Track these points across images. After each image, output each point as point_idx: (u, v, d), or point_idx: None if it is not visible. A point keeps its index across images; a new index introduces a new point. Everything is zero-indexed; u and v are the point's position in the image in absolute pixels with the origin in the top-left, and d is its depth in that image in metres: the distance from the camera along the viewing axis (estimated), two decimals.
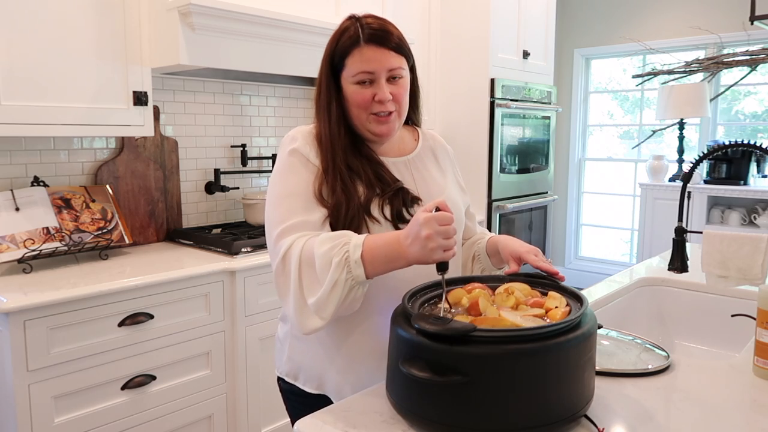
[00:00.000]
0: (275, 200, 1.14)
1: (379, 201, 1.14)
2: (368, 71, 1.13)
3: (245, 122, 2.79)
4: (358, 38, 1.14)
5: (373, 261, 1.01)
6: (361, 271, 1.00)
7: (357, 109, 1.16)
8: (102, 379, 1.79)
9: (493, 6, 3.27)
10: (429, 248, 0.96)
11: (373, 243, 1.02)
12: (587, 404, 0.91)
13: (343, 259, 1.00)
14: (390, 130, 1.18)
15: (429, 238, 0.95)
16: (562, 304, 0.98)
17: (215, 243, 2.28)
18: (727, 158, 4.04)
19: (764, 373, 1.10)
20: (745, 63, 3.83)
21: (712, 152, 1.45)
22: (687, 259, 1.51)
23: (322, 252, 1.01)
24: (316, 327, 1.04)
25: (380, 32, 1.14)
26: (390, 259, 1.01)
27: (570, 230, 5.39)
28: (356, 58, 1.14)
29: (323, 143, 1.17)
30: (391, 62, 1.14)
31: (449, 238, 0.97)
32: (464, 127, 3.40)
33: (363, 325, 1.16)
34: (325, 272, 1.01)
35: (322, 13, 2.45)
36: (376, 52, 1.13)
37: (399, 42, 1.16)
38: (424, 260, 0.98)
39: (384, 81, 1.15)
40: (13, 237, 1.91)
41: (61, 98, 1.95)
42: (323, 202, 1.12)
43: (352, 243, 1.02)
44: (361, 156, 1.18)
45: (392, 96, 1.15)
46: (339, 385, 1.18)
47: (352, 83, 1.15)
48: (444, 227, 0.96)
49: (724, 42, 4.31)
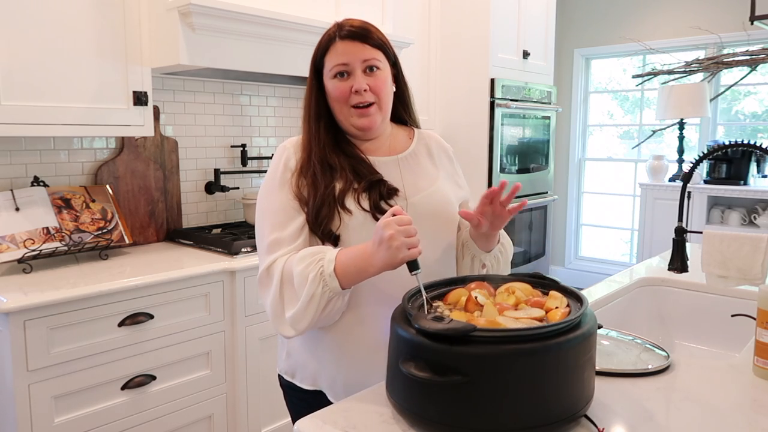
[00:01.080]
0: (263, 212, 1.20)
1: (355, 194, 1.17)
2: (343, 63, 1.18)
3: (245, 122, 2.79)
4: (335, 36, 1.20)
5: (345, 273, 1.06)
6: (336, 283, 1.06)
7: (337, 103, 1.20)
8: (102, 379, 1.79)
9: (493, 6, 3.27)
10: (394, 247, 1.01)
11: (344, 256, 1.07)
12: (587, 404, 0.91)
13: (318, 274, 1.06)
14: (372, 123, 1.21)
15: (392, 238, 1.00)
16: (562, 304, 0.98)
17: (215, 243, 2.28)
18: (727, 158, 4.04)
19: (764, 373, 1.10)
20: (745, 63, 3.83)
21: (712, 152, 1.45)
22: (687, 259, 1.51)
23: (298, 271, 1.08)
24: (290, 335, 1.11)
25: (357, 29, 1.19)
26: (360, 269, 1.06)
27: (570, 230, 5.39)
28: (332, 53, 1.20)
29: (302, 142, 1.22)
30: (365, 53, 1.19)
31: (411, 236, 1.02)
32: (464, 127, 3.40)
33: (352, 320, 1.18)
34: (302, 288, 1.07)
35: (322, 13, 2.45)
36: (350, 46, 1.18)
37: (376, 38, 1.20)
38: (391, 262, 1.02)
39: (360, 72, 1.19)
40: (13, 237, 1.91)
41: (61, 98, 1.95)
42: (303, 200, 1.17)
43: (326, 258, 1.07)
44: (340, 152, 1.21)
45: (370, 87, 1.19)
46: (331, 381, 1.21)
47: (331, 78, 1.20)
48: (404, 227, 1.01)
49: (724, 42, 4.31)
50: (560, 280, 1.10)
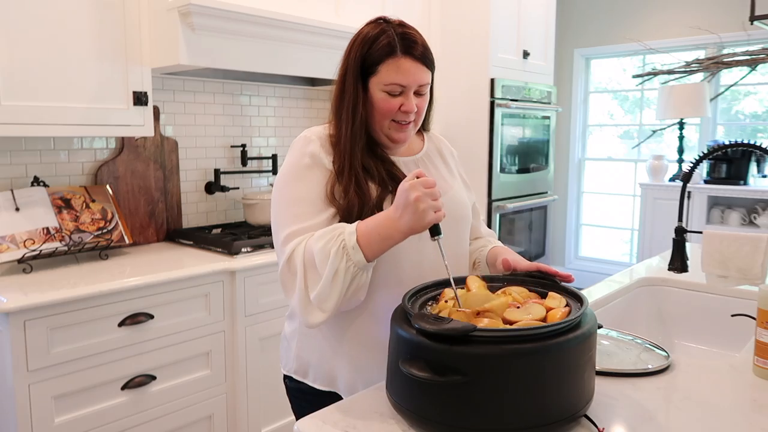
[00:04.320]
0: (284, 203, 1.15)
1: (392, 198, 1.15)
2: (402, 84, 1.16)
3: (245, 122, 2.79)
4: (395, 48, 1.14)
5: (369, 243, 1.03)
6: (360, 255, 1.03)
7: (380, 115, 1.18)
8: (102, 379, 1.79)
9: (493, 6, 3.27)
10: (420, 210, 0.99)
11: (365, 226, 1.04)
12: (587, 404, 0.91)
13: (341, 248, 1.03)
14: (406, 138, 1.22)
15: (418, 200, 0.99)
16: (561, 305, 0.98)
17: (215, 243, 2.28)
18: (727, 158, 4.04)
19: (764, 373, 1.10)
20: (745, 63, 3.83)
21: (712, 152, 1.45)
22: (687, 259, 1.51)
23: (319, 248, 1.04)
24: (319, 320, 1.06)
25: (416, 45, 1.16)
26: (384, 236, 1.03)
27: (570, 230, 5.39)
28: (392, 67, 1.15)
29: (341, 144, 1.17)
30: (423, 77, 1.17)
31: (436, 199, 1.01)
32: (464, 127, 3.39)
33: (368, 320, 1.17)
34: (324, 264, 1.03)
35: (322, 14, 2.45)
36: (412, 66, 1.15)
37: (429, 55, 1.19)
38: (417, 226, 1.01)
39: (412, 93, 1.18)
40: (13, 237, 1.91)
41: (61, 98, 1.95)
42: (334, 202, 1.14)
43: (346, 231, 1.04)
44: (375, 156, 1.20)
45: (417, 108, 1.19)
46: (351, 381, 1.18)
47: (382, 90, 1.16)
48: (430, 189, 1.00)
49: (724, 42, 4.31)
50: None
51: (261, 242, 2.26)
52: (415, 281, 1.12)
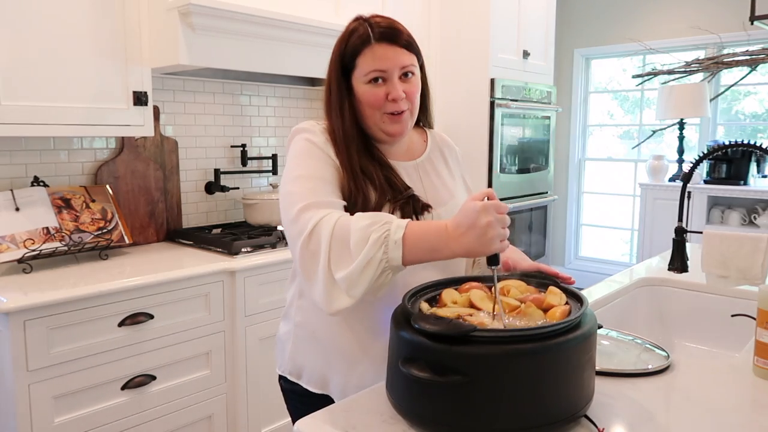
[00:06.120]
0: (296, 179, 1.08)
1: (390, 207, 1.13)
2: (381, 69, 1.12)
3: (245, 122, 2.79)
4: (369, 37, 1.13)
5: (414, 246, 0.95)
6: (399, 253, 0.94)
7: (370, 108, 1.15)
8: (102, 379, 1.79)
9: (493, 6, 3.27)
10: (488, 237, 0.91)
11: (417, 228, 0.96)
12: (587, 404, 0.90)
13: (383, 237, 0.94)
14: (403, 129, 1.18)
15: (490, 226, 0.91)
16: (562, 300, 0.98)
17: (215, 243, 2.28)
18: (727, 158, 4.04)
19: (764, 373, 1.10)
20: (745, 63, 3.82)
21: (712, 152, 1.45)
22: (687, 259, 1.51)
23: (360, 226, 0.96)
24: (344, 306, 0.97)
25: (390, 30, 1.14)
26: (434, 248, 0.95)
27: (570, 230, 5.39)
28: (368, 56, 1.13)
29: (338, 143, 1.15)
30: (403, 60, 1.14)
31: (505, 227, 0.94)
32: (464, 127, 3.39)
33: (364, 324, 1.15)
34: (360, 247, 0.94)
35: (322, 13, 2.45)
36: (388, 50, 1.13)
37: (409, 39, 1.16)
38: (478, 251, 0.93)
39: (397, 79, 1.14)
40: (13, 237, 1.91)
41: (61, 98, 1.95)
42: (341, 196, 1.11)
43: (394, 223, 0.96)
44: (373, 159, 1.16)
45: (405, 94, 1.14)
46: (343, 386, 1.18)
47: (364, 83, 1.14)
48: (502, 215, 0.93)
49: (724, 42, 4.31)
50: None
51: (261, 242, 2.26)
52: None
